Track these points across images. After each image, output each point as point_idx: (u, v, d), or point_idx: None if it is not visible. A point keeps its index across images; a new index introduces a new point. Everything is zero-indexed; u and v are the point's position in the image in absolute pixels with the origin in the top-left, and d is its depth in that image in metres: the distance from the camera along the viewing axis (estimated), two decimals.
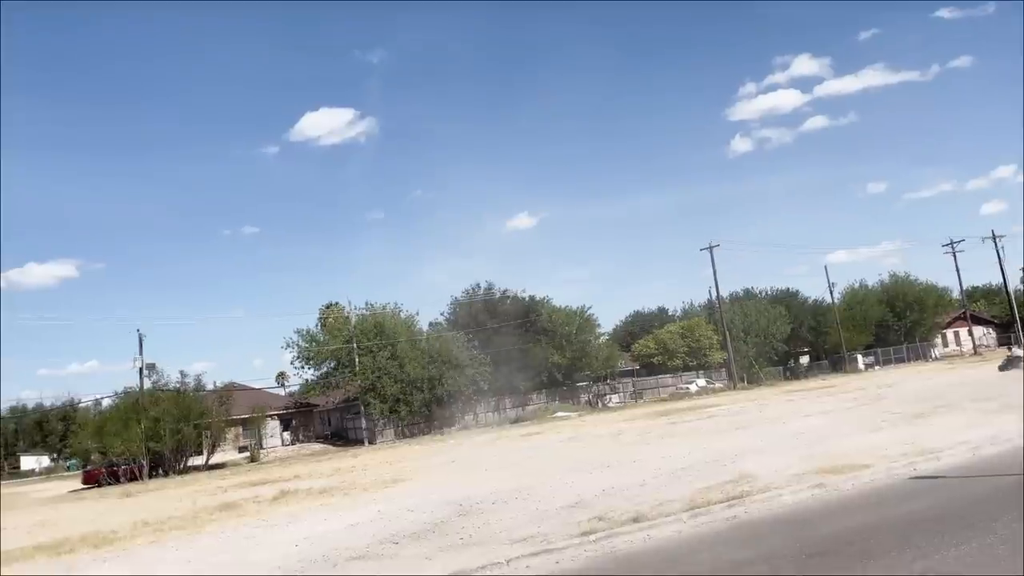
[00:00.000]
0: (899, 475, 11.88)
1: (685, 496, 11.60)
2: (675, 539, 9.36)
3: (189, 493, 26.07)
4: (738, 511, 10.44)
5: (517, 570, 8.62)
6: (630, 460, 17.71)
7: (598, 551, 9.11)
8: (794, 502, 10.76)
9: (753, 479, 12.41)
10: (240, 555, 11.56)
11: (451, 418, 52.40)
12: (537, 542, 9.70)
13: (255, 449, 51.25)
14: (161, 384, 48.02)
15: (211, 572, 10.41)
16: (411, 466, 24.97)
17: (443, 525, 11.97)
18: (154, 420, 44.24)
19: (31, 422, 76.61)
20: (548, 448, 25.26)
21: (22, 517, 26.02)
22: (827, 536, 8.60)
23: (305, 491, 20.32)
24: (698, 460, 15.99)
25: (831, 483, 11.52)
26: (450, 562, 9.14)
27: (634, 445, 21.73)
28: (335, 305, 62.49)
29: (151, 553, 12.94)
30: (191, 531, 15.12)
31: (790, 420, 23.28)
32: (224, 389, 52.84)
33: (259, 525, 14.75)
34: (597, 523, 10.36)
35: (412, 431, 50.66)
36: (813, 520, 9.60)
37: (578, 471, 16.81)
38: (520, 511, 12.37)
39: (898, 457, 12.98)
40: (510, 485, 15.83)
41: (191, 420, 45.91)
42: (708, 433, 22.42)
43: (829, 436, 17.43)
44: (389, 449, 40.47)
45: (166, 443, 44.50)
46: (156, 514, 19.37)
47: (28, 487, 52.25)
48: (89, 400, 73.70)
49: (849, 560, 7.31)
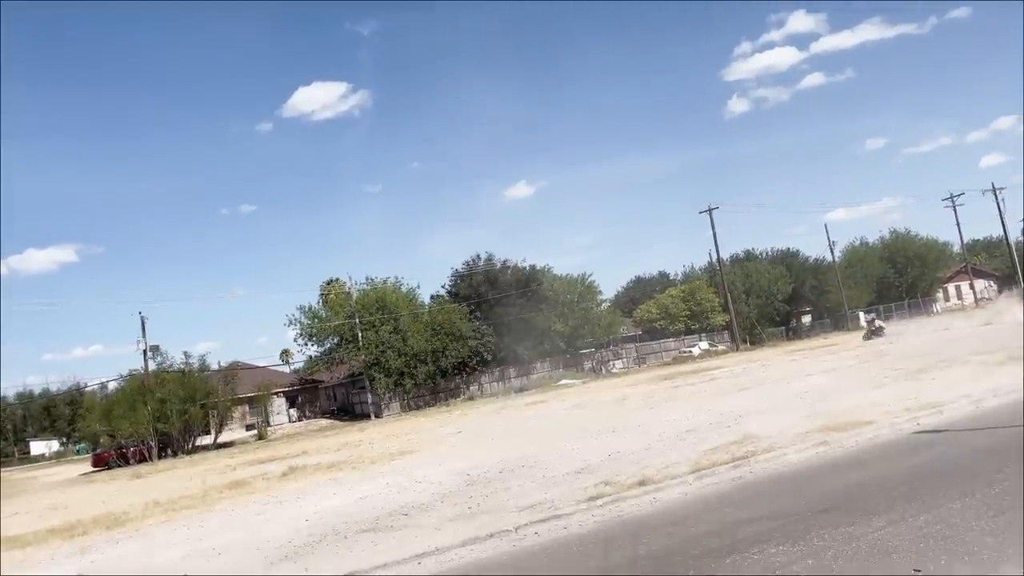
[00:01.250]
0: (902, 430, 11.96)
1: (690, 458, 11.68)
2: (681, 501, 9.44)
3: (199, 472, 26.29)
4: (743, 471, 10.52)
5: (526, 537, 8.70)
6: (635, 425, 17.82)
7: (605, 515, 9.20)
8: (799, 461, 10.83)
9: (757, 439, 12.48)
10: (251, 531, 11.68)
11: (456, 389, 52.72)
12: (545, 509, 9.78)
13: (262, 427, 51.59)
14: (166, 365, 48.21)
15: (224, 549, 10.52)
16: (418, 438, 25.14)
17: (451, 495, 12.08)
18: (160, 401, 44.49)
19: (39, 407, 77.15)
20: (553, 416, 25.42)
21: (34, 501, 26.29)
22: (832, 493, 8.67)
23: (313, 466, 20.48)
24: (702, 422, 16.08)
25: (835, 441, 11.60)
26: (459, 531, 9.23)
27: (638, 410, 21.85)
28: (336, 281, 62.53)
29: (163, 532, 13.07)
30: (202, 510, 15.27)
31: (793, 380, 23.38)
32: (229, 368, 53.06)
33: (269, 501, 14.89)
34: (604, 488, 10.45)
35: (417, 404, 50.98)
36: (818, 478, 9.68)
37: (583, 437, 16.92)
38: (527, 479, 12.47)
39: (901, 412, 13.05)
40: (516, 454, 15.95)
41: (197, 400, 46.18)
42: (711, 395, 22.53)
43: (832, 394, 17.52)
44: (395, 422, 40.74)
45: (173, 424, 44.79)
46: (167, 494, 19.55)
47: (39, 472, 52.74)
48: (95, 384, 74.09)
49: (854, 516, 7.37)
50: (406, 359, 49.50)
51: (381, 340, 49.91)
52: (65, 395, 74.59)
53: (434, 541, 8.88)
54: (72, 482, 36.52)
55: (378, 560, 8.40)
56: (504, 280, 55.24)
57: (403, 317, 51.35)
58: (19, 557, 12.96)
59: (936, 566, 5.75)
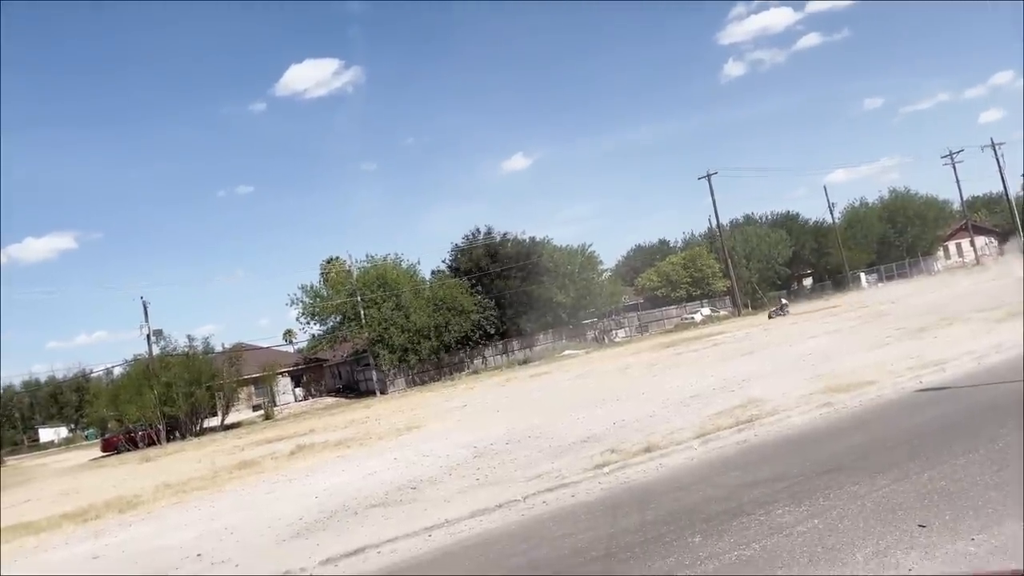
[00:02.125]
0: (905, 389, 12.01)
1: (695, 424, 11.76)
2: (687, 466, 9.52)
3: (207, 454, 26.51)
4: (748, 435, 10.60)
5: (534, 506, 8.78)
6: (639, 392, 17.92)
7: (612, 482, 9.28)
8: (803, 423, 10.90)
9: (761, 403, 12.55)
10: (262, 510, 11.79)
11: (460, 363, 52.93)
12: (552, 478, 9.87)
13: (269, 407, 51.88)
14: (170, 349, 48.45)
15: (235, 528, 10.63)
16: (424, 413, 25.30)
17: (459, 468, 12.18)
18: (166, 385, 44.74)
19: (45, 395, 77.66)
20: (557, 387, 25.55)
21: (45, 487, 26.54)
22: (836, 453, 8.74)
23: (321, 444, 20.63)
24: (706, 388, 16.16)
25: (838, 402, 11.67)
26: (468, 502, 9.31)
27: (642, 378, 21.95)
28: (336, 259, 62.42)
29: (175, 514, 13.21)
30: (212, 490, 15.41)
31: (795, 343, 23.45)
32: (233, 350, 53.27)
33: (278, 480, 15.03)
34: (610, 455, 10.53)
35: (422, 379, 51.22)
36: (822, 439, 9.75)
37: (588, 407, 17.02)
38: (534, 449, 12.57)
39: (904, 372, 13.11)
40: (522, 425, 16.06)
41: (203, 382, 46.42)
42: (714, 361, 22.62)
43: (835, 356, 17.58)
44: (401, 398, 40.97)
45: (180, 407, 45.08)
46: (177, 476, 19.72)
47: (48, 458, 53.20)
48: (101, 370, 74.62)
49: (859, 475, 7.43)
50: (409, 335, 49.64)
51: (384, 317, 50.02)
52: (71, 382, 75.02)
53: (443, 513, 8.97)
54: (82, 467, 36.84)
55: (388, 534, 8.50)
56: (504, 253, 55.17)
57: (405, 293, 51.41)
58: (33, 543, 13.12)
59: (940, 522, 5.81)
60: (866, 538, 5.75)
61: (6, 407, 74.51)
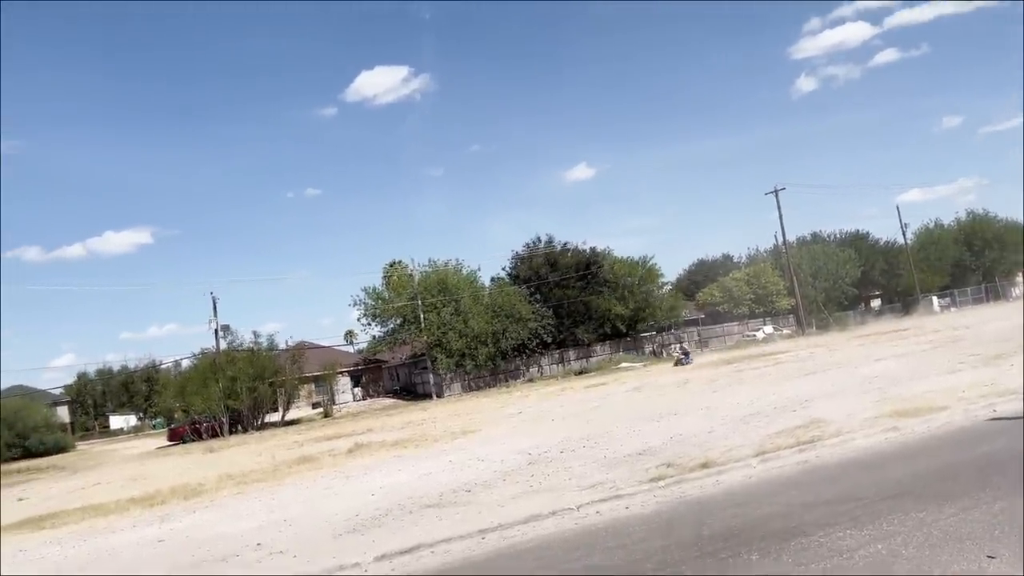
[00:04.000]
0: (977, 417, 11.58)
1: (754, 442, 11.56)
2: (745, 484, 9.36)
3: (268, 448, 27.15)
4: (809, 455, 10.37)
5: (587, 515, 8.76)
6: (697, 408, 17.69)
7: (667, 496, 9.19)
8: (867, 446, 10.61)
9: (824, 424, 12.27)
10: (319, 505, 12.05)
11: (516, 371, 53.03)
12: (606, 488, 9.83)
13: (328, 405, 52.86)
14: (236, 344, 49.79)
15: (294, 520, 10.89)
16: (479, 418, 25.43)
17: (513, 473, 12.23)
18: (231, 379, 45.98)
19: (117, 383, 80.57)
20: (613, 398, 25.38)
21: (114, 472, 27.58)
22: (902, 478, 8.48)
23: (378, 443, 20.94)
24: (767, 406, 15.86)
25: (906, 426, 11.32)
26: (522, 508, 9.35)
27: (701, 393, 21.65)
28: (398, 263, 63.36)
29: (236, 504, 13.59)
30: (272, 483, 15.80)
31: (862, 364, 22.81)
32: (296, 348, 54.42)
33: (336, 476, 15.32)
34: (666, 469, 10.44)
35: (478, 384, 51.48)
36: (887, 463, 9.47)
37: (645, 420, 16.88)
38: (588, 459, 12.54)
39: (976, 399, 12.63)
40: (577, 434, 16.03)
41: (266, 378, 47.61)
42: (776, 379, 22.16)
43: (903, 379, 17.05)
44: (457, 402, 41.25)
45: (243, 401, 46.30)
46: (239, 468, 20.27)
47: (118, 444, 55.21)
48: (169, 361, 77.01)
49: (925, 502, 7.20)
50: (467, 340, 49.97)
51: (443, 321, 50.52)
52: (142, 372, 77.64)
53: (497, 517, 9.03)
54: (149, 455, 38.14)
55: (442, 534, 8.59)
56: (564, 262, 55.09)
57: (464, 299, 51.82)
58: (103, 524, 13.67)
59: (1011, 553, 5.60)
60: (932, 566, 5.58)
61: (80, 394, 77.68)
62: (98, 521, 14.10)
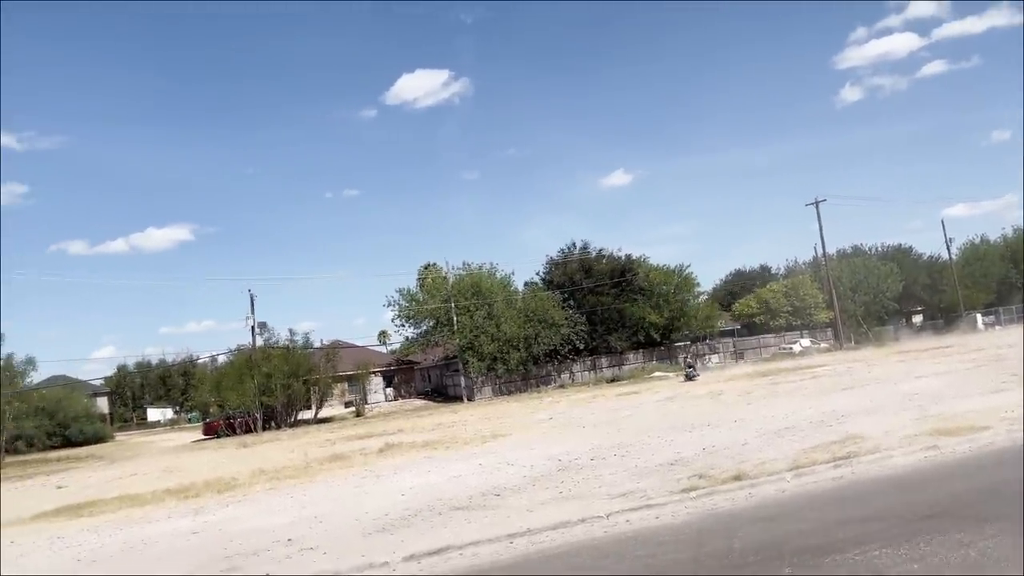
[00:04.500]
0: (1020, 438, 11.25)
1: (789, 456, 11.40)
2: (778, 498, 9.22)
3: (300, 445, 27.45)
4: (844, 472, 10.18)
5: (617, 524, 8.71)
6: (731, 420, 17.49)
7: (698, 507, 9.09)
8: (905, 464, 10.39)
9: (861, 440, 12.05)
10: (350, 503, 12.15)
11: (547, 377, 52.95)
12: (637, 497, 9.77)
13: (360, 404, 53.30)
14: (272, 342, 50.45)
15: (324, 517, 10.99)
16: (509, 422, 25.44)
17: (543, 479, 12.20)
18: (266, 376, 46.63)
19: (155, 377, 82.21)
20: (645, 407, 25.20)
21: (151, 464, 28.11)
22: (941, 498, 8.30)
23: (409, 444, 21.05)
24: (802, 420, 15.63)
25: (946, 445, 11.06)
26: (551, 514, 9.32)
27: (735, 405, 21.41)
28: (433, 265, 63.71)
29: (269, 499, 13.76)
30: (304, 480, 15.97)
31: (902, 381, 22.36)
32: (330, 346, 55.01)
33: (367, 475, 15.43)
34: (697, 481, 10.34)
35: (509, 388, 51.51)
36: (926, 482, 9.27)
37: (677, 430, 16.74)
38: (619, 467, 12.47)
39: (1020, 420, 12.29)
40: (608, 442, 15.95)
41: (300, 376, 48.19)
42: (813, 393, 21.83)
43: (944, 397, 16.67)
44: (487, 406, 41.31)
45: (277, 397, 46.91)
46: (271, 463, 20.53)
47: (155, 436, 56.28)
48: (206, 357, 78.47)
49: (964, 522, 7.03)
50: (499, 344, 50.05)
51: (475, 325, 50.67)
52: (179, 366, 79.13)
53: (526, 522, 9.02)
54: (185, 448, 38.81)
55: (470, 537, 8.60)
56: (599, 269, 54.92)
57: (497, 303, 51.93)
58: (139, 514, 13.93)
59: None
60: None
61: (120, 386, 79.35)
62: (134, 511, 14.38)
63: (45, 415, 51.60)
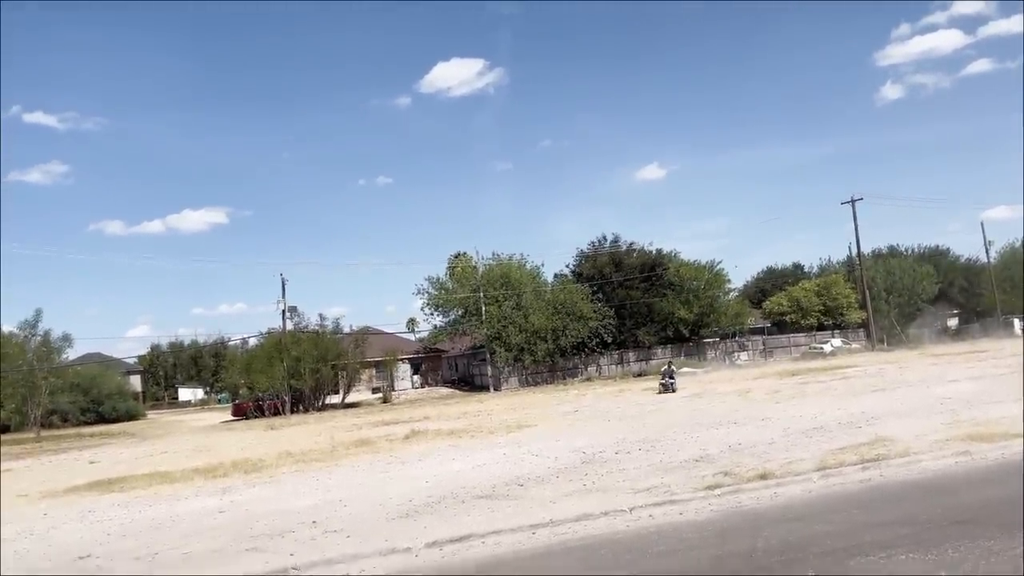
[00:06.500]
0: None
1: (816, 456, 11.28)
2: (804, 498, 9.13)
3: (327, 428, 27.74)
4: (872, 474, 10.05)
5: (640, 518, 8.68)
6: (758, 418, 17.35)
7: (723, 505, 9.04)
8: (935, 469, 10.22)
9: (890, 442, 11.87)
10: (374, 488, 12.26)
11: (574, 369, 52.90)
12: (660, 493, 9.73)
13: (387, 390, 53.73)
14: (302, 326, 51.01)
15: (349, 501, 11.11)
16: (535, 413, 25.47)
17: (567, 471, 12.21)
18: (295, 359, 47.16)
19: (187, 357, 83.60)
20: (672, 403, 25.08)
21: (181, 442, 28.59)
22: (971, 504, 8.16)
23: (434, 432, 21.17)
24: (831, 420, 15.46)
25: (978, 451, 10.87)
26: (574, 506, 9.33)
27: (762, 403, 21.22)
28: (463, 255, 63.82)
29: (295, 481, 13.94)
30: (330, 463, 16.15)
31: (934, 384, 21.99)
32: (359, 332, 55.41)
33: (392, 461, 15.56)
34: (722, 478, 10.28)
35: (536, 379, 51.56)
36: (957, 488, 9.12)
37: (703, 426, 16.65)
38: (644, 462, 12.43)
39: None
40: (634, 436, 15.91)
41: (329, 360, 48.67)
42: (843, 394, 21.56)
43: (978, 402, 16.37)
44: (513, 396, 41.39)
45: (306, 381, 47.46)
46: (298, 446, 20.77)
47: (186, 416, 57.25)
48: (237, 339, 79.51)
49: (994, 529, 6.90)
50: (527, 335, 50.08)
51: (503, 315, 50.74)
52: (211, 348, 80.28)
53: (548, 513, 9.03)
54: (214, 428, 39.42)
55: (493, 526, 8.64)
56: (629, 263, 54.64)
57: (526, 294, 51.94)
58: (168, 491, 14.19)
59: None
60: None
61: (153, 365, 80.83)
62: (164, 488, 14.66)
63: (80, 391, 52.73)
